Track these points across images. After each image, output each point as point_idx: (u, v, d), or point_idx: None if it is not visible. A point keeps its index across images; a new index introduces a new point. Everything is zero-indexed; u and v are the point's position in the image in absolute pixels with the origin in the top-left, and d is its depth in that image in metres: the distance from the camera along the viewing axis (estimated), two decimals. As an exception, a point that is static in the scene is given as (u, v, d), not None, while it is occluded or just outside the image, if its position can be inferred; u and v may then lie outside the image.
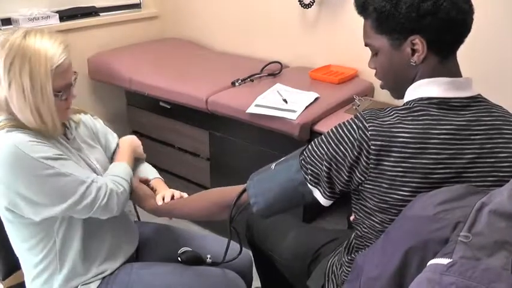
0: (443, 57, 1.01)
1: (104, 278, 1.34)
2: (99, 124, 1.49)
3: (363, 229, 1.11)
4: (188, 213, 1.41)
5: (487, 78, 1.86)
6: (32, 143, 1.14)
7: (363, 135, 0.99)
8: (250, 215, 1.30)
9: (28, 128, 1.18)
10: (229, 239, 1.32)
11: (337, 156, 1.03)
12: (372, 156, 0.98)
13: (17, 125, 1.17)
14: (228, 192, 1.25)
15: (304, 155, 1.10)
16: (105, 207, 1.24)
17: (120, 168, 1.37)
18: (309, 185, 1.09)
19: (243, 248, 1.39)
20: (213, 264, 1.41)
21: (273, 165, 1.17)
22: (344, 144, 1.02)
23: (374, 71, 1.12)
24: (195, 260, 1.41)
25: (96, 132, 1.46)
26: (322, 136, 1.08)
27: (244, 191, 1.20)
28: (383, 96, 2.20)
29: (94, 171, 1.33)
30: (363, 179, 1.01)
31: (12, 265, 1.44)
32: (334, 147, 1.03)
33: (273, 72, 2.36)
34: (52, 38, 1.16)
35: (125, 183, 1.32)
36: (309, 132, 1.91)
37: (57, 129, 1.21)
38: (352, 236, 1.21)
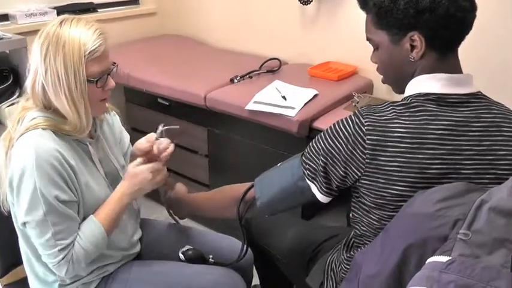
0: (442, 54, 1.01)
1: (103, 277, 1.33)
2: (116, 121, 1.46)
3: (362, 227, 1.11)
4: (205, 209, 1.45)
5: (491, 76, 1.86)
6: (50, 167, 1.12)
7: (359, 130, 1.00)
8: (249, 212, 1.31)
9: (62, 128, 1.17)
10: (243, 243, 1.35)
11: (332, 150, 1.04)
12: (368, 151, 0.98)
13: (52, 124, 1.16)
14: (238, 188, 1.27)
15: (305, 151, 1.13)
16: (59, 273, 1.20)
17: (94, 239, 1.22)
18: (306, 179, 1.11)
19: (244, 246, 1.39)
20: (216, 264, 1.41)
21: (279, 163, 1.21)
22: (339, 139, 1.03)
23: (373, 68, 1.13)
24: (198, 258, 1.41)
25: (115, 130, 1.44)
26: (322, 132, 1.10)
27: (252, 186, 1.23)
28: (382, 93, 2.20)
29: (116, 171, 1.34)
30: (359, 174, 1.01)
31: (11, 263, 1.43)
32: (330, 142, 1.05)
33: (272, 69, 2.36)
34: (87, 25, 1.17)
35: (85, 261, 1.22)
36: (308, 129, 1.90)
37: (89, 123, 1.20)
38: (351, 233, 1.21)
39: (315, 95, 2.01)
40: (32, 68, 1.17)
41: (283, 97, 1.98)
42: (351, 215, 1.15)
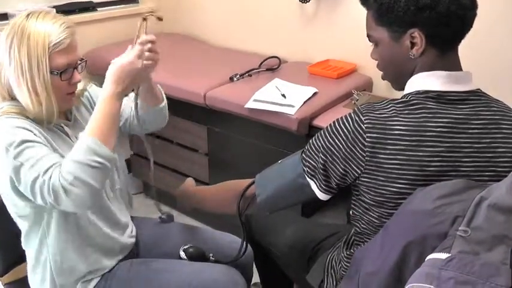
0: (442, 52, 1.01)
1: (103, 274, 1.34)
2: (93, 93, 1.42)
3: (362, 225, 1.11)
4: (206, 203, 1.45)
5: (491, 74, 1.86)
6: (17, 129, 1.12)
7: (358, 128, 1.00)
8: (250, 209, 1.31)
9: (27, 116, 1.16)
10: (243, 240, 1.35)
11: (332, 148, 1.04)
12: (368, 149, 0.98)
13: (17, 111, 1.16)
14: (240, 184, 1.27)
15: (305, 148, 1.13)
16: (59, 204, 1.07)
17: (78, 148, 1.10)
18: (306, 177, 1.11)
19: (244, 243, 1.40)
20: (216, 261, 1.41)
21: (280, 161, 1.21)
22: (339, 136, 1.03)
23: (372, 65, 1.13)
24: (199, 256, 1.41)
25: (93, 106, 1.38)
26: (322, 130, 1.10)
27: (253, 183, 1.23)
28: (382, 90, 2.20)
29: None
30: (359, 172, 1.01)
31: (11, 262, 1.44)
32: (330, 139, 1.05)
33: (272, 67, 2.36)
34: (54, 18, 1.17)
35: (76, 168, 1.06)
36: (308, 127, 1.90)
37: (54, 112, 1.18)
38: (352, 231, 1.21)
39: (315, 93, 2.01)
40: None
41: (283, 95, 1.98)
42: (351, 212, 1.15)
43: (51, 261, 1.27)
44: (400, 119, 0.98)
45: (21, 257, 1.36)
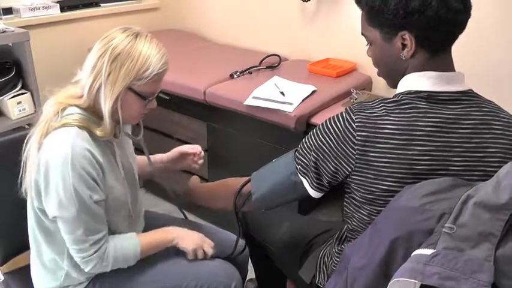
0: (433, 53, 1.02)
1: None
2: None
3: (353, 222, 1.13)
4: (206, 199, 1.48)
5: (485, 75, 1.87)
6: (84, 167, 1.16)
7: (349, 127, 1.01)
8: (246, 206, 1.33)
9: (94, 132, 1.20)
10: (238, 236, 1.39)
11: (323, 146, 1.06)
12: (358, 147, 1.00)
13: (87, 125, 1.19)
14: (238, 181, 1.30)
15: (298, 147, 1.15)
16: (80, 265, 1.25)
17: (127, 251, 1.29)
18: (298, 174, 1.12)
19: (240, 240, 1.43)
20: (212, 257, 1.43)
21: (275, 159, 1.23)
22: (330, 135, 1.05)
23: (372, 65, 1.14)
24: None
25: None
26: (314, 129, 1.11)
27: (249, 181, 1.25)
28: (381, 89, 2.22)
29: (132, 170, 1.38)
30: (349, 169, 1.03)
31: (11, 251, 1.46)
32: (321, 138, 1.07)
33: (272, 64, 2.37)
34: (158, 47, 1.21)
35: (115, 265, 1.28)
36: (305, 125, 1.92)
37: (117, 130, 1.26)
38: (344, 228, 1.22)
39: (313, 91, 2.02)
40: (90, 64, 1.19)
41: (282, 93, 2.00)
42: (343, 210, 1.17)
43: (67, 270, 1.29)
44: (391, 118, 0.99)
45: (21, 247, 1.37)
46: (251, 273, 1.70)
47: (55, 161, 1.14)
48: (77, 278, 1.30)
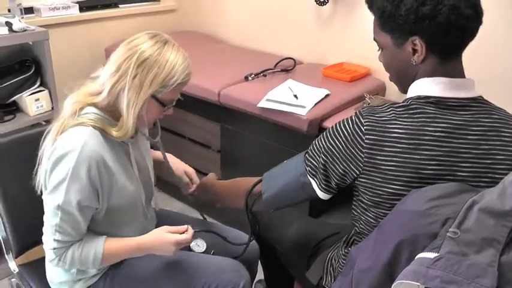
0: (443, 59, 1.02)
1: None
2: None
3: (360, 225, 1.14)
4: (220, 196, 1.49)
5: (495, 82, 1.86)
6: (87, 171, 1.17)
7: (358, 130, 1.03)
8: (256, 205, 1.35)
9: (109, 133, 1.21)
10: (250, 237, 1.42)
11: (332, 149, 1.07)
12: (366, 150, 1.01)
13: (102, 126, 1.21)
14: (250, 181, 1.32)
15: (309, 149, 1.16)
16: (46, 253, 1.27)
17: (88, 251, 1.27)
18: (307, 175, 1.14)
19: (251, 240, 1.45)
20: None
21: (286, 160, 1.25)
22: (339, 138, 1.06)
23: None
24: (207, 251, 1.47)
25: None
26: (324, 131, 1.13)
27: (260, 181, 1.27)
28: (394, 95, 2.21)
29: (147, 170, 1.40)
30: (357, 172, 1.04)
31: (26, 244, 1.49)
32: (331, 141, 1.08)
33: (286, 68, 2.39)
34: (184, 56, 1.23)
35: (69, 267, 1.29)
36: (318, 128, 1.93)
37: (133, 131, 1.26)
38: (352, 231, 1.23)
39: (327, 95, 2.03)
40: (115, 64, 1.20)
41: (295, 96, 2.01)
42: (351, 212, 1.18)
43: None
44: (399, 122, 1.00)
45: (36, 240, 1.40)
46: (260, 275, 1.71)
47: (61, 153, 1.16)
48: (89, 271, 1.33)
